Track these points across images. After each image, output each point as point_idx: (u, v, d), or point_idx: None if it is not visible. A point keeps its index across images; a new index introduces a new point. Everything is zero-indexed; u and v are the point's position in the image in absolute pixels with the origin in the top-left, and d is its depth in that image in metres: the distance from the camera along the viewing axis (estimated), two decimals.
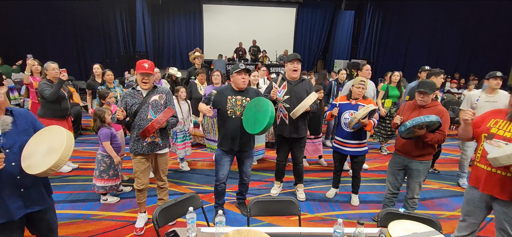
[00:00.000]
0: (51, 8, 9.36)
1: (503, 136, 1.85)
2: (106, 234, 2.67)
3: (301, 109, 2.84)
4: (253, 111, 2.47)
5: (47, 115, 3.52)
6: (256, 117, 2.41)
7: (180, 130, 3.93)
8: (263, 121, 2.31)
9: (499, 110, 2.02)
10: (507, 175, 1.84)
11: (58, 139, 1.63)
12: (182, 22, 14.12)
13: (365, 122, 2.91)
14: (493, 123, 1.95)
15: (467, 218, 2.18)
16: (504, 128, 1.88)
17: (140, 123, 2.41)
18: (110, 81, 4.27)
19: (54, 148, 1.59)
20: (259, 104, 2.43)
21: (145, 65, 2.40)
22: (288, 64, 3.06)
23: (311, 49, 15.00)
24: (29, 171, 1.55)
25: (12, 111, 1.71)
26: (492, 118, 1.98)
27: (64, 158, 1.57)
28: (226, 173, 2.78)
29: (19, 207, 1.66)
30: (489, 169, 1.92)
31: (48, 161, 1.55)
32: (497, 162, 1.68)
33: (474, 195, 2.08)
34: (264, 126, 2.29)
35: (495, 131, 1.90)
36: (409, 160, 2.65)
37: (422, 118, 2.26)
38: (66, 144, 1.58)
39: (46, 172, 1.54)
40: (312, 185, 3.79)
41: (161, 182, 2.75)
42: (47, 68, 3.51)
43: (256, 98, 2.52)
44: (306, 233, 1.86)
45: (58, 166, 1.56)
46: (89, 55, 10.24)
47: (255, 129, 2.38)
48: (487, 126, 1.96)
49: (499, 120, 1.93)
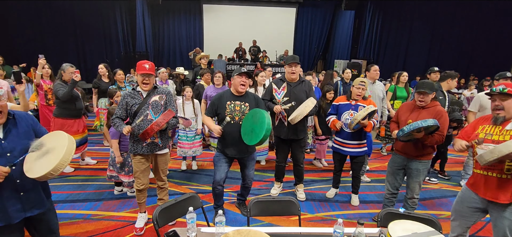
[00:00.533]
0: (51, 8, 9.36)
1: (492, 140, 1.91)
2: (106, 234, 2.67)
3: (299, 117, 2.86)
4: (251, 122, 2.47)
5: (63, 114, 3.64)
6: (253, 128, 2.42)
7: (190, 129, 3.95)
8: (259, 133, 2.32)
9: (486, 116, 2.08)
10: (502, 177, 1.86)
11: (59, 143, 1.63)
12: (182, 22, 14.13)
13: (365, 123, 2.91)
14: (480, 129, 2.02)
15: (458, 218, 2.18)
16: (491, 132, 1.94)
17: (140, 123, 2.41)
18: (121, 80, 4.31)
19: (55, 152, 1.59)
20: (256, 115, 2.44)
21: (145, 65, 2.40)
22: (287, 67, 3.08)
23: (311, 49, 15.02)
24: (30, 175, 1.55)
25: (14, 114, 1.70)
26: (480, 125, 2.06)
27: (64, 162, 1.57)
28: (224, 176, 2.74)
29: (18, 211, 1.65)
30: (485, 173, 1.95)
31: (48, 164, 1.55)
32: (483, 159, 1.77)
33: (470, 196, 2.09)
34: (259, 139, 2.31)
35: (483, 136, 1.96)
36: (408, 160, 2.65)
37: (419, 123, 2.27)
38: (67, 148, 1.59)
39: (45, 175, 1.54)
40: (312, 185, 3.79)
41: (161, 182, 2.75)
42: (64, 69, 3.62)
43: (254, 110, 2.52)
44: (306, 233, 1.86)
45: (58, 170, 1.55)
46: (89, 55, 10.24)
47: (252, 140, 2.40)
48: (476, 133, 2.03)
49: (486, 126, 2.00)
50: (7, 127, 1.64)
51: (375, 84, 4.14)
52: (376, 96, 4.07)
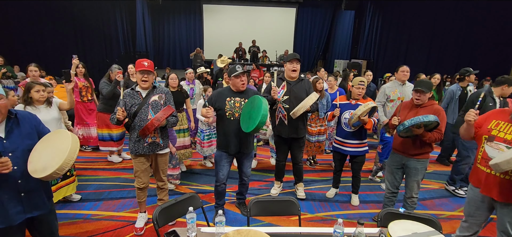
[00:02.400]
0: (51, 8, 9.36)
1: (504, 139, 1.83)
2: (106, 234, 2.67)
3: (302, 109, 2.84)
4: (249, 108, 2.48)
5: (106, 110, 4.01)
6: (251, 114, 2.41)
7: (207, 128, 3.96)
8: (256, 119, 2.31)
9: (502, 110, 1.98)
10: (505, 177, 1.83)
11: (63, 142, 1.62)
12: (182, 22, 14.13)
13: (365, 120, 2.91)
14: (494, 125, 1.92)
15: (469, 219, 2.16)
16: (505, 130, 1.85)
17: (141, 124, 2.41)
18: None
19: (59, 151, 1.58)
20: (254, 102, 2.45)
21: (144, 63, 2.41)
22: (287, 64, 3.06)
23: (311, 49, 15.02)
24: (34, 175, 1.55)
25: (16, 114, 1.69)
26: (494, 119, 1.95)
27: (69, 161, 1.57)
28: (226, 173, 2.78)
29: (18, 212, 1.64)
30: (488, 171, 1.91)
31: (52, 164, 1.54)
32: (498, 168, 1.67)
33: (475, 195, 2.07)
34: (256, 124, 2.29)
35: (496, 134, 1.87)
36: (406, 158, 2.66)
37: (420, 118, 2.28)
38: (70, 148, 1.58)
39: (51, 175, 1.54)
40: (312, 185, 3.79)
41: (161, 182, 2.75)
42: (112, 70, 4.10)
43: (252, 97, 2.52)
44: (306, 233, 1.86)
45: (62, 170, 1.55)
46: (89, 55, 10.23)
47: (249, 127, 2.39)
48: (488, 128, 1.94)
49: (501, 122, 1.90)
50: (9, 127, 1.63)
51: (406, 85, 3.79)
52: (407, 98, 3.65)
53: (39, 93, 2.66)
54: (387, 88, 3.82)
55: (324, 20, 14.61)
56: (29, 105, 2.65)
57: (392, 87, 3.80)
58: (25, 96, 2.66)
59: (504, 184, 1.84)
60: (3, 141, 1.59)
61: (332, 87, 4.38)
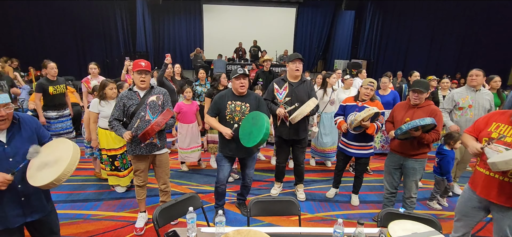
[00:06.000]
0: (51, 8, 9.37)
1: (504, 141, 1.82)
2: (106, 234, 2.67)
3: (300, 116, 2.84)
4: (250, 123, 2.48)
5: None
6: (252, 130, 2.42)
7: None
8: (257, 136, 2.33)
9: (503, 112, 1.97)
10: (504, 179, 1.82)
11: (64, 152, 1.61)
12: (182, 22, 14.13)
13: (367, 124, 2.84)
14: (494, 127, 1.92)
15: (463, 218, 2.14)
16: (505, 133, 1.84)
17: (139, 124, 2.41)
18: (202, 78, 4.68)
19: (59, 161, 1.57)
20: (256, 118, 2.44)
21: (142, 63, 2.42)
22: (290, 64, 3.03)
23: (311, 49, 15.01)
24: (32, 183, 1.54)
25: (19, 118, 1.68)
26: (494, 122, 1.94)
27: (68, 172, 1.56)
28: (227, 174, 2.78)
29: (18, 215, 1.64)
30: (487, 173, 1.90)
31: (51, 174, 1.53)
32: (495, 167, 1.68)
33: (472, 197, 2.05)
34: (257, 142, 2.32)
35: (496, 136, 1.87)
36: (404, 158, 2.67)
37: (417, 121, 2.30)
38: (71, 158, 1.57)
39: (48, 185, 1.53)
40: (312, 185, 3.79)
41: (164, 185, 2.73)
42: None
43: (254, 112, 2.52)
44: (306, 233, 1.86)
45: (61, 180, 1.54)
46: (89, 55, 10.23)
47: (249, 142, 2.40)
48: (489, 130, 1.93)
49: (501, 124, 1.89)
50: (11, 132, 1.63)
51: (480, 92, 3.35)
52: (480, 107, 3.30)
53: (112, 91, 3.09)
54: (456, 94, 3.44)
55: (324, 20, 14.60)
56: (103, 99, 3.09)
57: (462, 93, 3.40)
58: (101, 92, 3.07)
59: (504, 186, 1.82)
60: (4, 147, 1.59)
61: (386, 89, 4.28)
